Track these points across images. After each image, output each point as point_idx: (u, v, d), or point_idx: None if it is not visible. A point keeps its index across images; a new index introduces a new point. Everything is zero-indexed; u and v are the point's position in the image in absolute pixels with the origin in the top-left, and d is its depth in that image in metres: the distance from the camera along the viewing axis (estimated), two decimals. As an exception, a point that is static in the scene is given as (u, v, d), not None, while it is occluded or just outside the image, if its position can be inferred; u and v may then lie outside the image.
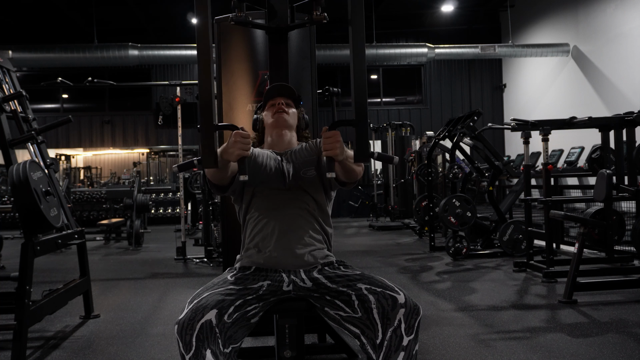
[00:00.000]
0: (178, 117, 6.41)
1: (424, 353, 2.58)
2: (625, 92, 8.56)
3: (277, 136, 1.97)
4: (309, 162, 1.90)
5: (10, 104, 3.18)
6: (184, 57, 10.51)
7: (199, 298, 1.58)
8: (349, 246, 6.95)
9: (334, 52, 10.59)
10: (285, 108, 1.96)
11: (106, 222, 7.92)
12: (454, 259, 5.47)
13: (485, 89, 13.43)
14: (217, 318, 1.52)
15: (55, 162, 9.65)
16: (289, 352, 1.70)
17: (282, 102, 1.96)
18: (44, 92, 12.50)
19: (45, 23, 12.29)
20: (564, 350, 2.56)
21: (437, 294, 3.92)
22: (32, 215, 2.58)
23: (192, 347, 1.48)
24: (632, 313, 3.21)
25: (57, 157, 12.65)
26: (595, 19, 9.37)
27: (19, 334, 2.48)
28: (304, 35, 2.92)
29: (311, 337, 2.80)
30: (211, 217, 5.81)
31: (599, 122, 4.55)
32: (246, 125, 2.98)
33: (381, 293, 1.59)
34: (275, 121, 1.96)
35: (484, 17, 12.98)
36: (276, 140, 1.97)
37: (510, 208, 6.33)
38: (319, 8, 2.25)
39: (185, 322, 1.50)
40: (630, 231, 4.18)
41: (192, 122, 10.46)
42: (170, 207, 11.24)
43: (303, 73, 2.90)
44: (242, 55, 3.00)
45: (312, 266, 1.77)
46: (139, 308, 3.68)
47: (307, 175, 1.87)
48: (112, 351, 2.73)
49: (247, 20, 2.30)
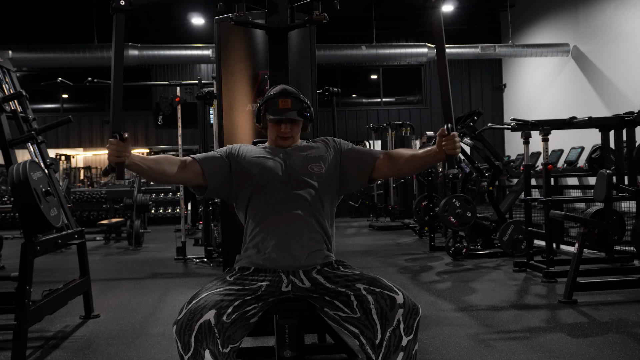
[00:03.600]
0: (178, 117, 6.41)
1: (424, 353, 2.58)
2: (625, 92, 8.55)
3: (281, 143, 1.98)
4: (318, 159, 1.90)
5: (10, 104, 3.18)
6: (184, 57, 10.50)
7: (197, 298, 1.58)
8: (349, 246, 6.95)
9: (334, 52, 10.58)
10: (288, 134, 1.94)
11: (106, 222, 7.92)
12: (454, 259, 5.47)
13: (485, 89, 13.42)
14: (216, 318, 1.52)
15: (55, 162, 9.64)
16: (289, 352, 1.70)
17: (287, 129, 1.93)
18: (44, 92, 12.48)
19: (45, 23, 12.28)
20: (564, 350, 2.56)
21: (437, 294, 3.92)
22: (32, 215, 2.58)
23: (190, 347, 1.48)
24: (632, 313, 3.21)
25: (57, 157, 12.65)
26: (595, 19, 9.37)
27: (19, 334, 2.48)
28: (304, 35, 2.92)
29: (311, 337, 2.80)
30: (211, 217, 5.81)
31: (599, 122, 4.55)
32: (246, 124, 2.98)
33: (380, 293, 1.59)
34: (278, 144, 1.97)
35: (484, 17, 12.97)
36: (280, 143, 1.98)
37: (510, 208, 6.33)
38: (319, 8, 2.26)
39: (184, 323, 1.50)
40: (630, 231, 4.19)
41: (192, 122, 10.48)
42: (170, 207, 11.24)
43: (303, 73, 2.90)
44: (242, 55, 3.00)
45: (311, 267, 1.77)
46: (139, 308, 3.68)
47: (314, 170, 1.87)
48: (112, 351, 2.73)
49: (247, 20, 2.31)
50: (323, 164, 1.90)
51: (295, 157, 1.90)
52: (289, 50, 2.45)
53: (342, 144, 2.00)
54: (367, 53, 10.72)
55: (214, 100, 5.59)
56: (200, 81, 6.57)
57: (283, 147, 1.96)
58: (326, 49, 10.48)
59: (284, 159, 1.90)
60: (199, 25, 11.74)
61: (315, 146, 1.97)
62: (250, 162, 1.89)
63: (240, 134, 2.98)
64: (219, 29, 2.99)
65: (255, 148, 1.97)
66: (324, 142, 2.00)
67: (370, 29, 11.29)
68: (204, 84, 6.50)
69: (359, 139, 13.21)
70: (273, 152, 1.93)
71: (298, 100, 1.94)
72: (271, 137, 1.99)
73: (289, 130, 1.93)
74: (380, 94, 13.59)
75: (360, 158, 1.93)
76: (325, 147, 1.97)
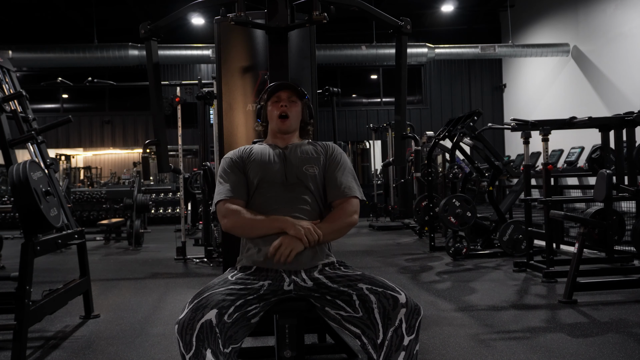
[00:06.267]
0: (178, 117, 6.41)
1: (424, 353, 2.58)
2: (625, 92, 8.55)
3: (281, 136, 2.00)
4: (313, 160, 1.92)
5: (10, 104, 3.18)
6: (184, 57, 10.51)
7: (199, 298, 1.58)
8: (349, 246, 6.95)
9: (334, 52, 10.59)
10: (288, 112, 1.96)
11: (106, 222, 7.92)
12: (454, 259, 5.47)
13: (485, 89, 13.43)
14: (217, 318, 1.52)
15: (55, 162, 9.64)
16: (289, 352, 1.70)
17: (286, 104, 1.96)
18: (44, 92, 12.50)
19: (45, 23, 12.29)
20: (564, 350, 2.56)
21: (437, 294, 3.92)
22: (32, 215, 2.58)
23: (192, 346, 1.48)
24: (632, 313, 3.21)
25: (57, 157, 12.67)
26: (595, 19, 9.37)
27: (19, 334, 2.48)
28: (304, 35, 2.92)
29: (311, 337, 2.80)
30: (211, 217, 5.81)
31: (599, 122, 4.55)
32: (246, 124, 2.98)
33: (382, 293, 1.59)
34: (278, 128, 1.97)
35: (484, 17, 12.97)
36: (280, 138, 2.00)
37: (510, 208, 6.33)
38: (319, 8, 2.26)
39: (186, 322, 1.50)
40: (630, 231, 4.18)
41: (192, 122, 10.49)
42: (170, 207, 11.24)
43: (303, 73, 2.89)
44: (242, 55, 3.00)
45: (312, 266, 1.77)
46: (139, 308, 3.68)
47: (309, 172, 1.88)
48: (112, 351, 2.73)
49: (247, 20, 2.30)
50: (317, 166, 1.91)
51: (292, 157, 1.92)
52: (289, 50, 2.45)
53: (335, 155, 1.96)
54: (367, 53, 10.72)
55: (214, 100, 5.59)
56: (200, 81, 6.57)
57: (282, 136, 1.98)
58: (326, 49, 10.48)
59: (282, 159, 1.91)
60: (199, 25, 11.75)
61: (313, 149, 1.97)
62: (251, 164, 1.91)
63: (240, 134, 2.98)
64: (219, 29, 2.99)
65: (257, 148, 1.98)
66: (323, 148, 2.00)
67: (370, 29, 11.29)
68: (204, 84, 6.50)
69: (359, 139, 13.22)
70: (272, 152, 1.94)
71: (298, 86, 2.03)
72: (271, 127, 2.00)
73: (287, 105, 1.96)
74: (380, 94, 13.60)
75: (330, 177, 1.91)
76: (323, 152, 1.97)
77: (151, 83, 1.81)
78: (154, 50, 2.00)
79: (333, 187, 1.88)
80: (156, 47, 1.90)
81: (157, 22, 2.24)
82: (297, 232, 1.70)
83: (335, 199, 1.87)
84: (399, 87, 2.50)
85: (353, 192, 1.87)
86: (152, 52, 1.94)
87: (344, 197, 1.86)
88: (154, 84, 1.79)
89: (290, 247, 1.69)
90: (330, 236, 1.80)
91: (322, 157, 1.94)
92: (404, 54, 2.52)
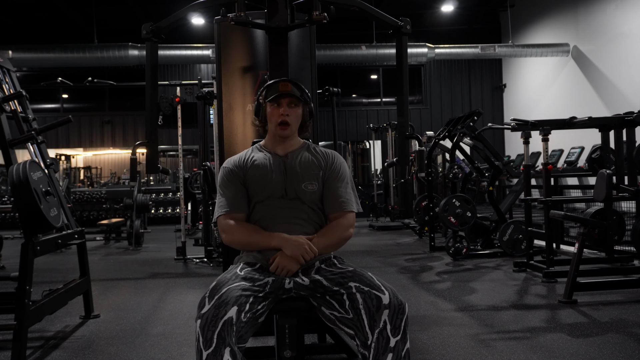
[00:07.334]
0: (178, 117, 6.41)
1: (424, 353, 2.58)
2: (625, 92, 8.55)
3: (280, 139, 1.95)
4: (312, 176, 1.88)
5: (10, 104, 3.18)
6: (184, 57, 10.51)
7: (219, 293, 1.56)
8: (349, 246, 6.95)
9: (334, 52, 10.58)
10: (288, 120, 1.90)
11: (106, 222, 7.92)
12: (454, 259, 5.47)
13: (485, 89, 13.42)
14: (237, 315, 1.51)
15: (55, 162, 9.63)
16: (289, 352, 1.70)
17: (287, 113, 1.90)
18: (44, 92, 12.48)
19: (45, 23, 12.28)
20: (564, 350, 2.56)
21: (437, 294, 3.92)
22: (32, 215, 2.58)
23: (212, 343, 1.46)
24: (632, 313, 3.21)
25: (57, 157, 12.66)
26: (595, 19, 9.37)
27: (19, 334, 2.48)
28: (304, 35, 2.92)
29: (311, 337, 2.80)
30: (211, 217, 5.81)
31: (599, 122, 4.55)
32: (246, 124, 2.98)
33: (367, 292, 1.60)
34: (278, 134, 1.93)
35: (484, 17, 12.97)
36: (279, 141, 1.95)
37: (510, 208, 6.33)
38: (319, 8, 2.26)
39: (209, 318, 1.48)
40: (630, 231, 4.18)
41: (192, 122, 10.48)
42: (170, 207, 11.24)
43: (303, 73, 2.89)
44: (242, 55, 3.00)
45: (310, 265, 1.78)
46: (139, 308, 3.68)
47: (308, 189, 1.86)
48: (112, 351, 2.73)
49: (247, 20, 2.31)
50: (316, 182, 1.88)
51: (292, 171, 1.88)
52: (289, 50, 2.45)
53: (335, 166, 1.94)
54: (367, 53, 10.72)
55: (214, 100, 5.58)
56: (200, 81, 6.57)
57: (282, 139, 1.93)
58: (326, 49, 10.48)
59: (282, 172, 1.88)
60: (199, 25, 11.74)
61: (314, 160, 1.93)
62: (252, 176, 1.88)
63: (240, 133, 2.99)
64: (219, 29, 2.99)
65: (257, 158, 1.93)
66: (324, 158, 1.95)
67: (370, 29, 11.29)
68: (204, 84, 6.50)
69: (359, 139, 13.22)
70: (272, 164, 1.90)
71: (298, 86, 1.95)
72: (270, 129, 1.95)
73: (287, 114, 1.89)
74: (380, 94, 13.59)
75: (329, 188, 1.90)
76: (323, 162, 1.93)
77: (148, 83, 1.82)
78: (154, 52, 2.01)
79: (331, 200, 1.88)
80: (156, 48, 1.90)
81: (158, 23, 2.24)
82: (293, 253, 1.73)
83: (332, 212, 1.88)
84: (401, 88, 2.50)
85: (350, 207, 1.88)
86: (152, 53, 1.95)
87: (340, 211, 1.87)
88: (151, 85, 1.79)
89: (287, 269, 1.73)
90: (325, 250, 1.82)
91: (321, 172, 1.91)
92: (405, 55, 2.52)
